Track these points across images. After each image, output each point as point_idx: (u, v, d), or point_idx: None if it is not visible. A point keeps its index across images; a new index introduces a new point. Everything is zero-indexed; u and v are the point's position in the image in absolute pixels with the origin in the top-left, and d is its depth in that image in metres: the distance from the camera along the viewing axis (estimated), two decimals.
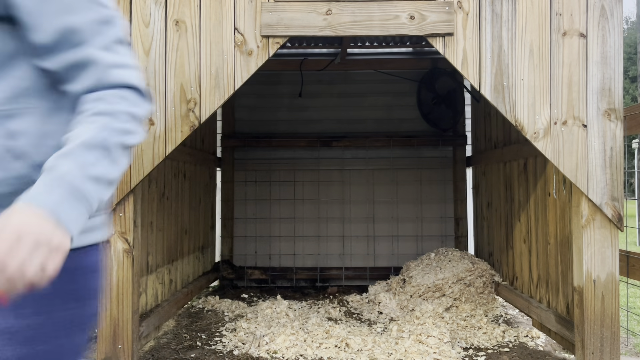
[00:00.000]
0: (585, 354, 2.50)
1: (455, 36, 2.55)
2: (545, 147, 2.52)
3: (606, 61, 2.52)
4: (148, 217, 3.13)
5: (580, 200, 2.53)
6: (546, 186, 3.21)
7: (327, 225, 5.09)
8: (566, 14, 2.53)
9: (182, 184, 3.90)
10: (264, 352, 3.08)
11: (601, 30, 2.53)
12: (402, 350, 3.05)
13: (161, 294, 3.38)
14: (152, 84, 2.55)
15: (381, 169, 5.15)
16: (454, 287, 4.02)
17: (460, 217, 5.17)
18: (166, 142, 2.56)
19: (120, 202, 2.55)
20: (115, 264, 2.57)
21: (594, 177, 2.51)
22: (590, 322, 2.51)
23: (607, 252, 2.52)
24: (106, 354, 2.55)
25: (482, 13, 2.56)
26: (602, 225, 2.52)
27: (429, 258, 4.42)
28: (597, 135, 2.52)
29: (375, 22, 2.55)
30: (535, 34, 2.54)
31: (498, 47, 2.55)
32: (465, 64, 2.55)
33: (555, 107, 2.53)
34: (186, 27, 2.56)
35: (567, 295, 2.92)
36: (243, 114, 5.27)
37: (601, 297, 2.52)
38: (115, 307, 2.56)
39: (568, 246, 2.89)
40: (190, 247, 4.14)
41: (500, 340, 3.36)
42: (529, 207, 3.52)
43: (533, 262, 3.45)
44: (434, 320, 3.58)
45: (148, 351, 3.11)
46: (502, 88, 2.54)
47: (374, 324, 3.71)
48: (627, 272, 2.90)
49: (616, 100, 2.52)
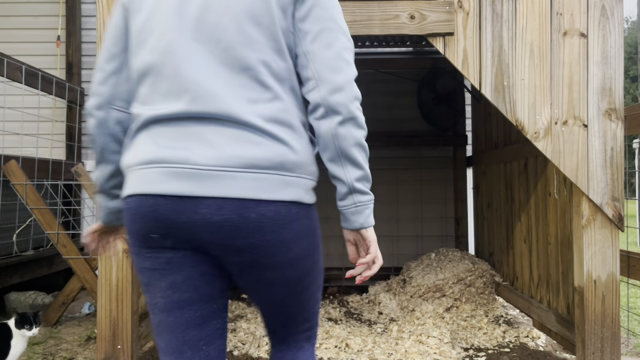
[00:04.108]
0: (586, 354, 2.50)
1: (455, 36, 2.55)
2: (545, 147, 2.51)
3: (607, 61, 2.52)
4: None
5: (581, 200, 2.52)
6: (547, 186, 3.21)
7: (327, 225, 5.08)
8: (567, 14, 2.53)
9: None
10: (264, 353, 3.08)
11: (602, 30, 2.52)
12: (402, 350, 3.04)
13: None
14: None
15: (381, 169, 5.14)
16: (454, 287, 4.01)
17: (461, 217, 5.17)
18: None
19: None
20: (115, 264, 2.56)
21: (594, 177, 2.50)
22: (590, 323, 2.51)
23: (608, 252, 2.51)
24: (106, 354, 2.54)
25: (483, 13, 2.55)
26: (603, 225, 2.52)
27: (429, 258, 4.42)
28: (598, 135, 2.51)
29: (375, 22, 2.55)
30: (535, 33, 2.53)
31: (498, 46, 2.54)
32: (465, 64, 2.54)
33: (555, 107, 2.52)
34: None
35: (568, 295, 2.91)
36: None
37: (602, 297, 2.51)
38: (115, 307, 2.56)
39: (568, 246, 2.88)
40: None
41: (501, 340, 3.36)
42: (529, 207, 3.51)
43: (533, 262, 3.45)
44: (434, 320, 3.58)
45: (148, 351, 3.10)
46: (503, 88, 2.53)
47: (374, 325, 3.71)
48: (628, 272, 2.89)
49: (617, 100, 2.51)
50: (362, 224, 1.21)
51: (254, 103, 1.12)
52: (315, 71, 1.16)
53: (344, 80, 1.15)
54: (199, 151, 1.09)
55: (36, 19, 5.50)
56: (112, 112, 1.25)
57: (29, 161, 3.99)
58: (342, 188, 1.19)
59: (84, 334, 3.52)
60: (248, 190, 1.08)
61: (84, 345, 3.30)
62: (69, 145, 5.28)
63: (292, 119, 1.16)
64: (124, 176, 1.19)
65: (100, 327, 2.55)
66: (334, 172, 1.19)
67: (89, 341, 3.38)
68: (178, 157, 1.09)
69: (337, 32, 1.18)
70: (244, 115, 1.10)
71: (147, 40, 1.17)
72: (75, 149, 5.27)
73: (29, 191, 3.53)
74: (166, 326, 1.17)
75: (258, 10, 1.13)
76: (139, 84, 1.19)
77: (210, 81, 1.11)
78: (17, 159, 3.72)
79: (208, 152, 1.08)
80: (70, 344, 3.34)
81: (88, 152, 5.44)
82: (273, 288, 1.18)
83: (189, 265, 1.15)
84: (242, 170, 1.08)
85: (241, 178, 1.08)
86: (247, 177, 1.08)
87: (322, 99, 1.15)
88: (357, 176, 1.18)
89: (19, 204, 3.96)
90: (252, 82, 1.12)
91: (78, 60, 5.46)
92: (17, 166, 3.55)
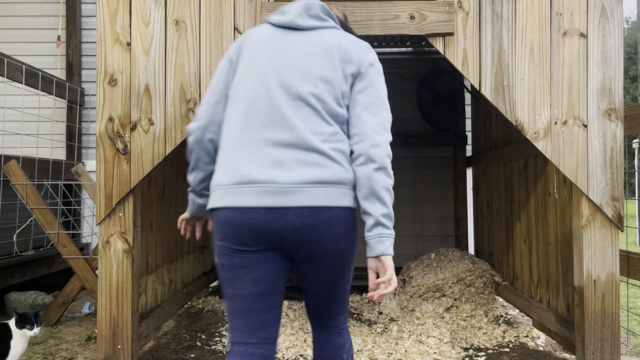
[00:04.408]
0: (586, 354, 2.50)
1: (455, 36, 2.55)
2: (545, 147, 2.52)
3: (606, 61, 2.52)
4: (148, 217, 3.13)
5: (581, 200, 2.53)
6: (546, 186, 3.21)
7: None
8: (566, 14, 2.53)
9: (182, 184, 3.90)
10: None
11: (601, 30, 2.53)
12: (402, 350, 3.04)
13: (161, 294, 3.37)
14: (152, 84, 2.55)
15: None
16: (454, 287, 4.01)
17: (461, 217, 5.17)
18: (166, 142, 2.56)
19: (120, 202, 2.55)
20: (115, 264, 2.56)
21: (594, 177, 2.50)
22: (590, 322, 2.51)
23: (608, 252, 2.52)
24: (106, 354, 2.55)
25: (483, 13, 2.55)
26: (603, 225, 2.52)
27: (429, 258, 4.42)
28: (598, 135, 2.51)
29: (375, 22, 2.55)
30: (535, 33, 2.54)
31: (498, 46, 2.54)
32: (465, 64, 2.55)
33: (555, 107, 2.52)
34: (186, 27, 2.56)
35: (568, 295, 2.91)
36: None
37: (601, 297, 2.51)
38: (115, 308, 2.56)
39: (568, 246, 2.89)
40: (190, 247, 4.14)
41: (501, 340, 3.36)
42: (529, 207, 3.51)
43: (533, 262, 3.45)
44: (434, 320, 3.58)
45: (148, 351, 3.10)
46: (503, 88, 2.54)
47: (374, 324, 3.71)
48: (628, 272, 2.89)
49: (616, 100, 2.51)
50: (383, 252, 1.52)
51: (321, 135, 1.53)
52: (361, 130, 1.56)
53: (382, 141, 1.55)
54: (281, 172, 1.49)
55: (36, 19, 5.51)
56: (207, 134, 1.66)
57: (29, 161, 3.99)
58: (369, 221, 1.53)
59: (84, 334, 3.53)
60: (318, 200, 1.49)
61: (84, 345, 3.30)
62: (69, 145, 5.29)
63: (345, 148, 1.57)
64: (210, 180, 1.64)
65: (101, 327, 2.56)
66: (365, 208, 1.54)
67: (89, 341, 3.38)
68: (266, 178, 1.49)
69: (382, 107, 1.61)
70: (314, 143, 1.51)
71: (247, 85, 1.59)
72: (75, 149, 5.28)
73: (29, 191, 3.53)
74: (245, 310, 1.55)
75: (329, 75, 1.58)
76: (236, 114, 1.58)
77: (291, 117, 1.53)
78: (18, 159, 3.72)
79: (287, 174, 1.48)
80: (70, 343, 3.34)
81: (88, 152, 5.44)
82: (326, 271, 1.58)
83: (269, 264, 1.54)
84: (313, 185, 1.49)
85: (312, 191, 1.49)
86: (317, 190, 1.49)
87: (363, 150, 1.54)
88: (383, 212, 1.52)
89: (19, 204, 3.96)
90: (321, 121, 1.55)
91: (78, 61, 5.46)
92: (18, 166, 3.55)
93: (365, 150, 1.54)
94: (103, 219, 2.56)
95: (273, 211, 1.47)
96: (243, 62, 1.63)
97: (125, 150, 2.55)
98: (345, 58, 1.61)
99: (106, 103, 2.55)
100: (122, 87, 2.56)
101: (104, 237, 2.56)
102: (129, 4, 2.56)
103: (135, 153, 2.55)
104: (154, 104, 2.55)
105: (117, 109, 2.55)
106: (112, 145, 2.55)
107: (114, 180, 2.55)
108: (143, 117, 2.55)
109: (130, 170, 2.55)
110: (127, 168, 2.55)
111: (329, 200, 1.50)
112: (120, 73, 2.56)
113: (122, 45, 2.56)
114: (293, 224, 1.48)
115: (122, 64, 2.56)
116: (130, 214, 2.57)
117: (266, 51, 1.61)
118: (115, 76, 2.56)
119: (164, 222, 3.45)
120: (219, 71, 1.69)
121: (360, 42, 1.69)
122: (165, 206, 3.48)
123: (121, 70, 2.56)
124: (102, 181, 2.55)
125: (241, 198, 1.49)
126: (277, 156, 1.50)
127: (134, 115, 2.55)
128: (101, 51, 2.56)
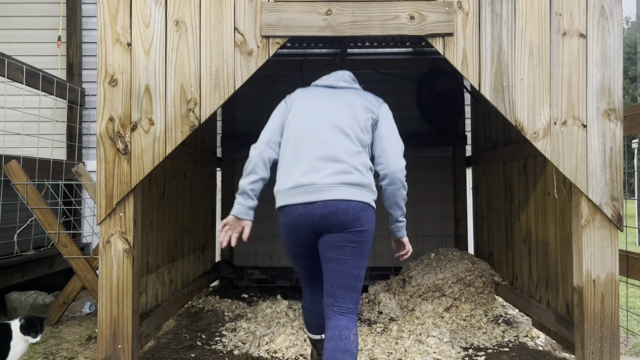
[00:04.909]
0: (585, 353, 2.51)
1: (455, 36, 2.55)
2: (545, 147, 2.52)
3: (606, 61, 2.53)
4: (148, 217, 3.13)
5: (580, 200, 2.53)
6: (546, 186, 3.22)
7: None
8: (566, 14, 2.54)
9: (182, 184, 3.90)
10: (264, 352, 3.09)
11: (601, 30, 2.53)
12: (402, 350, 3.05)
13: (161, 294, 3.38)
14: (152, 84, 2.56)
15: None
16: (453, 287, 4.02)
17: (460, 217, 5.17)
18: (166, 142, 2.56)
19: (120, 202, 2.56)
20: (115, 264, 2.57)
21: (593, 177, 2.51)
22: (590, 322, 2.51)
23: (607, 252, 2.52)
24: (106, 353, 2.55)
25: (482, 13, 2.56)
26: (602, 225, 2.52)
27: (429, 258, 4.42)
28: (597, 135, 2.52)
29: (375, 22, 2.56)
30: (535, 34, 2.54)
31: (498, 47, 2.55)
32: (465, 64, 2.55)
33: (555, 107, 2.53)
34: (186, 27, 2.57)
35: (567, 295, 2.92)
36: (243, 114, 5.28)
37: (601, 297, 2.52)
38: (116, 307, 2.57)
39: (568, 246, 2.89)
40: (190, 247, 4.14)
41: (500, 340, 3.37)
42: (528, 207, 3.52)
43: (533, 262, 3.46)
44: (434, 320, 3.59)
45: (148, 351, 3.11)
46: (502, 88, 2.54)
47: (374, 324, 3.71)
48: (627, 272, 2.90)
49: (616, 100, 2.52)
50: (401, 236, 2.52)
51: (349, 152, 2.26)
52: (386, 160, 2.34)
53: (401, 167, 2.33)
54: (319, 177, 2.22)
55: (37, 19, 5.51)
56: (267, 148, 2.36)
57: (30, 161, 4.00)
58: (392, 219, 2.45)
59: (84, 334, 3.53)
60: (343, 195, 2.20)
61: (84, 345, 3.31)
62: (70, 145, 5.29)
63: (366, 162, 2.29)
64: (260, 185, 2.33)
65: (101, 326, 2.56)
66: (389, 211, 2.43)
67: (89, 341, 3.39)
68: (308, 181, 2.22)
69: (399, 142, 2.38)
70: (344, 157, 2.25)
71: (300, 120, 2.34)
72: (76, 149, 5.28)
73: (29, 191, 3.54)
74: (306, 270, 2.45)
75: (357, 116, 2.34)
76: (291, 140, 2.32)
77: (330, 140, 2.27)
78: (18, 159, 3.73)
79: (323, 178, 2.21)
80: (71, 343, 3.35)
81: (89, 152, 5.45)
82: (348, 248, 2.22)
83: (310, 243, 2.31)
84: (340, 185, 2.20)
85: (340, 189, 2.20)
86: (343, 188, 2.20)
87: (389, 175, 2.33)
88: (401, 214, 2.44)
89: (20, 203, 3.97)
90: (350, 143, 2.28)
91: (79, 61, 5.47)
92: (18, 166, 3.56)
93: (390, 175, 2.33)
94: (103, 219, 2.57)
95: (314, 204, 2.20)
96: (295, 106, 2.39)
97: (126, 150, 2.56)
98: (368, 108, 2.37)
99: (107, 103, 2.56)
100: (123, 87, 2.56)
101: (104, 237, 2.57)
102: (130, 4, 2.57)
103: (135, 153, 2.56)
104: (154, 104, 2.56)
105: (118, 109, 2.56)
106: (112, 145, 2.56)
107: (115, 180, 2.55)
108: (143, 117, 2.56)
109: (130, 170, 2.55)
110: (128, 168, 2.56)
111: (350, 196, 2.20)
112: (120, 73, 2.56)
113: (122, 45, 2.57)
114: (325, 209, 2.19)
115: (122, 64, 2.57)
116: (130, 214, 2.57)
117: (313, 99, 2.40)
118: (116, 76, 2.56)
119: (164, 222, 3.46)
120: (277, 111, 2.44)
121: (377, 98, 2.44)
122: (165, 206, 3.49)
123: (122, 70, 2.56)
124: (103, 181, 2.55)
125: (294, 198, 2.23)
126: (317, 166, 2.23)
127: (135, 115, 2.56)
128: (102, 51, 2.57)
